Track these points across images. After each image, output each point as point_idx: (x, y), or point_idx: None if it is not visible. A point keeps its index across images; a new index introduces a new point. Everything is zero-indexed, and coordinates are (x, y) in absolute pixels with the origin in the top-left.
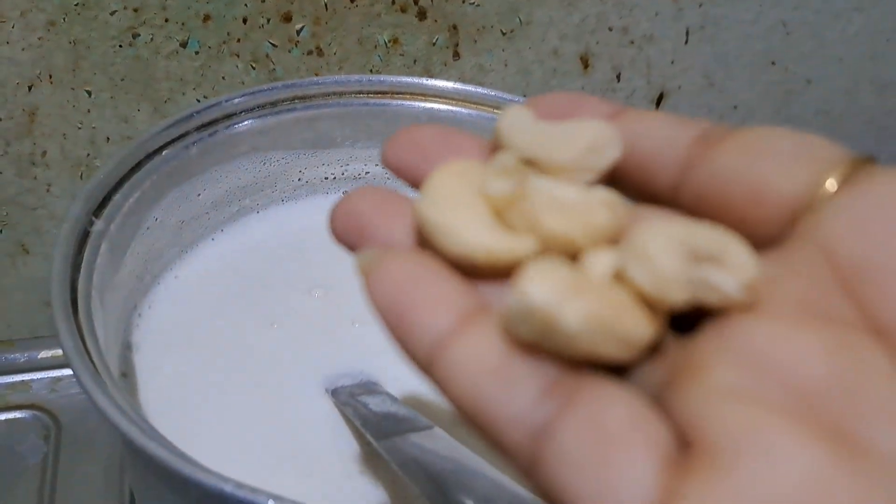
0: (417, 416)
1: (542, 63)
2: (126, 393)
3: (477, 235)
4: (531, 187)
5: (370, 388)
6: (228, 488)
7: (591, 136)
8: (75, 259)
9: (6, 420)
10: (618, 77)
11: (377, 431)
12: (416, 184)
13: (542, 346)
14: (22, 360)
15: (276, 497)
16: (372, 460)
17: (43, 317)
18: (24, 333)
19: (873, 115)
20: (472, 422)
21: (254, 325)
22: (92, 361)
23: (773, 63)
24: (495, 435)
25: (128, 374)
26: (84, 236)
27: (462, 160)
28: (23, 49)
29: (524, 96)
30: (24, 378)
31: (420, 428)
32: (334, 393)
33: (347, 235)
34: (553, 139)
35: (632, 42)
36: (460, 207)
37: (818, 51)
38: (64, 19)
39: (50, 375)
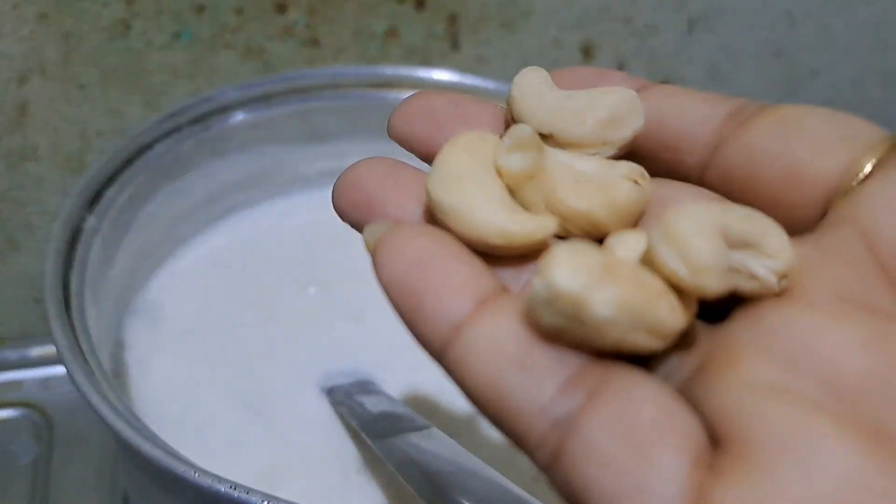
0: (414, 416)
1: (542, 54)
2: (119, 392)
3: (491, 216)
4: (549, 161)
5: (366, 387)
6: (223, 489)
7: (611, 104)
8: (68, 256)
9: None
10: (620, 68)
11: (373, 432)
12: (426, 156)
13: (566, 334)
14: (13, 357)
15: (270, 497)
16: (369, 460)
17: (33, 313)
18: (13, 329)
19: (880, 106)
20: (488, 413)
21: (247, 322)
22: (85, 360)
23: (777, 54)
24: (514, 427)
25: (120, 371)
26: (77, 233)
27: (475, 131)
28: (13, 42)
29: None
30: (15, 376)
31: (417, 428)
32: (330, 392)
33: (353, 211)
34: (571, 109)
35: (634, 32)
36: (473, 186)
37: (824, 41)
38: (56, 12)
39: (42, 373)
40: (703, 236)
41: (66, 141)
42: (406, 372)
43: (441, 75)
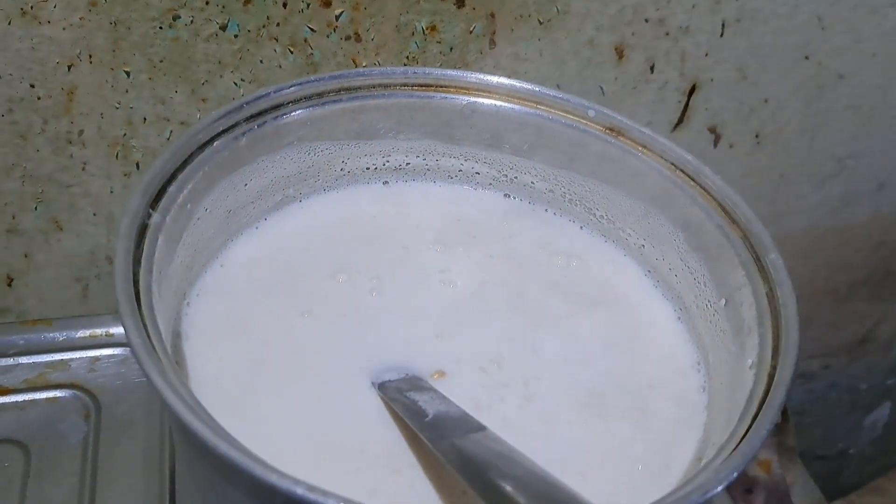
0: (469, 417)
1: (577, 53)
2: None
3: None
4: None
5: (417, 384)
6: (300, 490)
7: None
8: (135, 253)
9: (47, 399)
10: (651, 68)
11: (430, 432)
12: None
13: None
14: (60, 339)
15: (345, 500)
16: (418, 454)
17: (73, 292)
18: (55, 307)
19: None
20: None
21: (296, 314)
22: (157, 355)
23: (806, 57)
24: None
25: (179, 362)
26: (143, 230)
27: None
28: (63, 29)
29: (558, 86)
30: (63, 357)
31: (473, 429)
32: (381, 387)
33: None
34: None
35: (667, 34)
36: None
37: (852, 46)
38: (105, 0)
39: (88, 355)
40: None
41: (111, 126)
42: (456, 369)
43: (489, 78)
